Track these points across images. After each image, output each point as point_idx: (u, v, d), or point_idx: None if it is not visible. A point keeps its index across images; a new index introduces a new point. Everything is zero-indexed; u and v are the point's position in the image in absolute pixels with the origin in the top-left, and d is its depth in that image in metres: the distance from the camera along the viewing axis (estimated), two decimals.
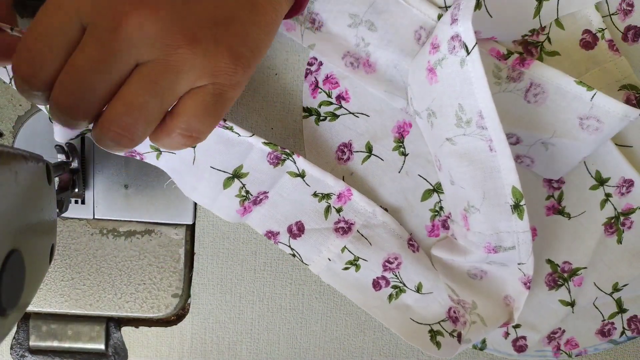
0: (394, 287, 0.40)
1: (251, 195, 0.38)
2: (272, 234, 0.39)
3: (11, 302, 0.23)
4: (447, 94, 0.32)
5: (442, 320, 0.39)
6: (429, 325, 0.39)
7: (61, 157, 0.35)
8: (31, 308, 0.40)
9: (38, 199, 0.26)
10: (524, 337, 0.42)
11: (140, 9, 0.23)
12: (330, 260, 0.39)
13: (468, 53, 0.30)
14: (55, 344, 0.40)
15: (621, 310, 0.42)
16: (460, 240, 0.37)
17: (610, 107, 0.34)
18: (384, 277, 0.40)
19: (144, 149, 0.36)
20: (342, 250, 0.39)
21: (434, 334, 0.39)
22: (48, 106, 0.26)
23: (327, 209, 0.39)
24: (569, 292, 0.41)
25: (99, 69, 0.23)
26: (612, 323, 0.42)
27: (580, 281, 0.41)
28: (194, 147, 0.36)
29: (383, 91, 0.37)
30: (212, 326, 0.42)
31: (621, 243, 0.40)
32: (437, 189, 0.39)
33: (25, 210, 0.25)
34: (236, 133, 0.35)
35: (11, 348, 0.40)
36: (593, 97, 0.34)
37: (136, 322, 0.41)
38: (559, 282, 0.40)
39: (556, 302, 0.41)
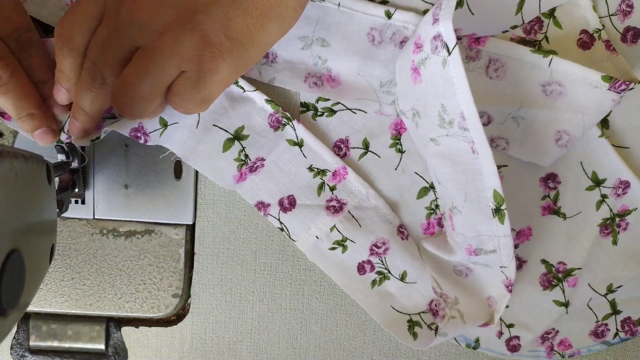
0: (379, 272, 0.40)
1: (249, 160, 0.37)
2: (262, 205, 0.39)
3: (11, 302, 0.23)
4: (431, 93, 0.32)
5: (422, 312, 0.39)
6: (409, 315, 0.39)
7: (61, 157, 0.35)
8: (31, 308, 0.40)
9: (38, 199, 0.26)
10: (517, 337, 0.41)
11: (129, 1, 0.27)
12: (317, 238, 0.39)
13: (449, 53, 0.30)
14: (55, 344, 0.40)
15: (615, 311, 0.42)
16: (448, 238, 0.37)
17: (569, 69, 0.34)
18: (369, 262, 0.39)
19: (151, 128, 0.36)
20: (331, 230, 0.39)
21: (412, 324, 0.39)
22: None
23: (321, 186, 0.38)
24: (563, 292, 0.41)
25: (107, 44, 0.28)
26: (606, 324, 0.42)
27: (575, 282, 0.41)
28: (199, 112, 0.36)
29: (354, 100, 0.37)
30: (212, 326, 0.41)
31: (616, 244, 0.40)
32: (433, 186, 0.39)
33: (26, 210, 0.24)
34: (240, 87, 0.35)
35: (11, 348, 0.40)
36: (550, 62, 0.34)
37: (136, 322, 0.41)
38: (553, 283, 0.40)
39: (550, 303, 0.41)
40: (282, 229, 0.39)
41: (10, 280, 0.22)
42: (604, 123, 0.38)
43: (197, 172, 0.39)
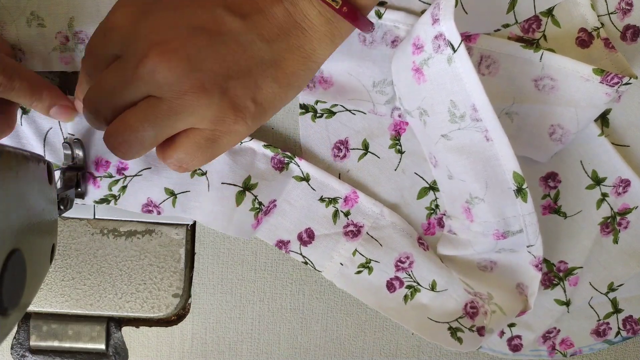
0: (409, 287, 0.40)
1: (263, 205, 0.38)
2: (282, 244, 0.40)
3: (12, 302, 0.23)
4: (437, 92, 0.32)
5: (460, 317, 0.39)
6: (447, 323, 0.39)
7: (67, 153, 0.35)
8: (32, 308, 0.40)
9: (38, 199, 0.26)
10: (519, 337, 0.41)
11: (157, 55, 0.26)
12: (342, 265, 0.39)
13: (455, 51, 0.30)
14: (55, 343, 0.40)
15: (616, 310, 0.42)
16: (462, 234, 0.37)
17: (560, 63, 0.34)
18: (397, 278, 0.40)
19: (159, 199, 0.37)
20: (354, 254, 0.39)
21: (454, 331, 0.39)
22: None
23: (335, 214, 0.39)
24: (565, 291, 0.41)
25: (115, 91, 0.27)
26: (608, 323, 0.42)
27: (576, 281, 0.41)
28: (205, 175, 0.37)
29: (347, 100, 0.37)
30: (212, 326, 0.42)
31: (617, 243, 0.40)
32: (433, 186, 0.39)
33: (26, 210, 0.24)
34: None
35: (12, 348, 0.40)
36: (541, 57, 0.34)
37: (137, 322, 0.41)
38: (554, 282, 0.40)
39: (551, 302, 0.41)
40: (306, 263, 0.40)
41: (11, 279, 0.22)
42: (604, 121, 0.38)
43: None
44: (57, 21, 0.35)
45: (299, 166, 0.38)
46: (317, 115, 0.38)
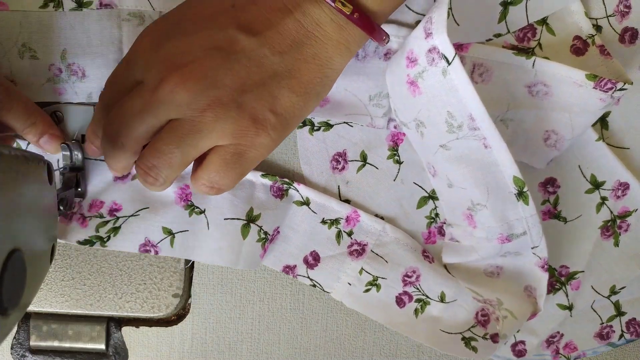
0: (418, 300, 0.40)
1: (268, 234, 0.38)
2: (289, 269, 0.40)
3: (12, 302, 0.23)
4: (433, 103, 0.33)
5: (472, 327, 0.39)
6: (460, 333, 0.40)
7: (66, 154, 0.36)
8: (32, 308, 0.40)
9: (39, 199, 0.26)
10: (522, 342, 0.42)
11: (175, 77, 0.27)
12: (350, 284, 0.40)
13: (449, 63, 0.31)
14: (55, 343, 0.40)
15: (619, 313, 0.42)
16: (465, 241, 0.37)
17: (554, 70, 0.34)
18: (406, 293, 0.40)
19: (156, 238, 0.37)
20: (360, 273, 0.40)
21: (467, 341, 0.39)
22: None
23: (338, 234, 0.39)
24: (567, 295, 0.41)
25: (137, 117, 0.28)
26: (611, 326, 0.42)
27: (578, 285, 0.41)
28: (204, 213, 0.37)
29: (345, 115, 0.37)
30: (212, 326, 0.42)
31: (618, 246, 0.40)
32: (432, 195, 0.40)
33: (26, 210, 0.25)
34: None
35: (12, 348, 0.40)
36: (534, 63, 0.34)
37: (137, 322, 0.41)
38: (556, 286, 0.40)
39: (554, 306, 0.41)
40: (314, 285, 0.40)
41: (11, 279, 0.22)
42: (603, 124, 0.38)
43: None
44: (49, 53, 0.35)
45: (298, 191, 0.38)
46: (315, 128, 0.39)
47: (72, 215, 0.37)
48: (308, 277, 0.40)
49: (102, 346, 0.41)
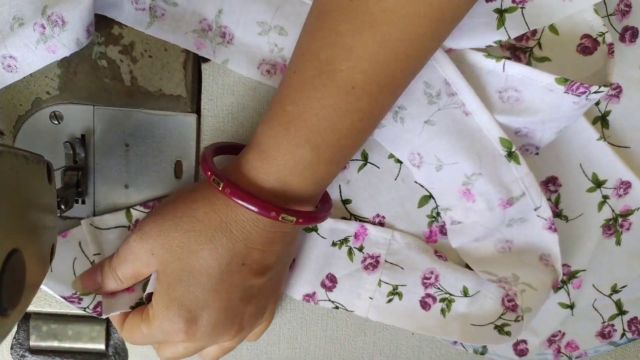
0: (442, 299, 0.40)
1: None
2: (309, 297, 0.40)
3: (12, 302, 0.23)
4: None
5: (502, 314, 0.39)
6: (492, 323, 0.39)
7: (69, 153, 0.36)
8: (31, 308, 0.40)
9: (39, 199, 0.26)
10: (524, 341, 0.42)
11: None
12: (372, 298, 0.40)
13: None
14: (55, 344, 0.41)
15: (621, 312, 0.42)
16: (467, 219, 0.37)
17: (523, 73, 0.33)
18: (428, 295, 0.40)
19: None
20: (379, 285, 0.40)
21: (500, 328, 0.39)
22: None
23: (350, 251, 0.39)
24: (568, 294, 0.41)
25: (142, 337, 0.34)
26: (612, 325, 0.42)
27: (579, 283, 0.41)
28: None
29: None
30: None
31: (620, 245, 0.40)
32: (433, 194, 0.40)
33: (26, 210, 0.25)
34: None
35: (11, 348, 0.41)
36: (504, 67, 0.34)
37: None
38: (558, 285, 0.40)
39: (555, 305, 0.41)
40: (337, 307, 0.40)
41: (11, 280, 0.23)
42: (604, 123, 0.39)
43: (197, 171, 0.39)
44: (33, 12, 0.33)
45: None
46: None
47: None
48: (329, 300, 0.40)
49: (102, 346, 0.41)
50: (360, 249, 0.39)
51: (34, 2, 0.33)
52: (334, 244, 0.39)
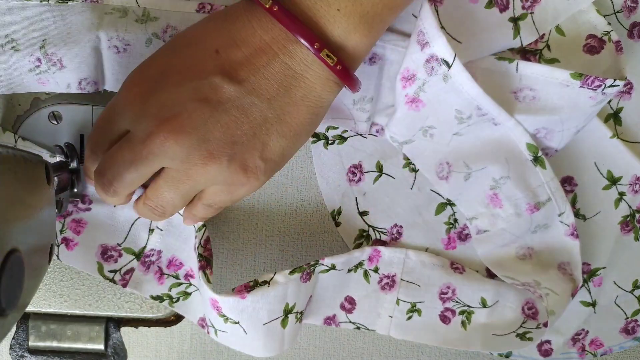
0: (461, 312, 0.41)
1: (304, 310, 0.39)
2: (330, 320, 0.41)
3: (11, 302, 0.23)
4: (440, 108, 0.34)
5: (523, 323, 0.40)
6: (514, 332, 0.40)
7: (60, 157, 0.36)
8: (30, 308, 0.40)
9: (37, 199, 0.27)
10: (548, 342, 0.42)
11: (165, 130, 0.28)
12: (391, 317, 0.41)
13: (449, 67, 0.31)
14: (54, 344, 0.41)
15: None
16: (494, 227, 0.38)
17: (537, 72, 0.34)
18: (447, 309, 0.41)
19: (208, 322, 0.38)
20: (397, 303, 0.40)
21: (522, 336, 0.40)
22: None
23: (365, 274, 0.40)
24: (589, 292, 0.42)
25: (129, 167, 0.30)
26: (636, 320, 0.42)
27: (600, 281, 0.41)
28: (238, 323, 0.36)
29: (329, 119, 0.38)
30: None
31: (638, 240, 0.41)
32: (449, 201, 0.40)
33: (25, 210, 0.25)
34: (265, 282, 0.36)
35: (10, 348, 0.41)
36: (517, 68, 0.34)
37: (136, 322, 0.42)
38: (577, 292, 0.41)
39: (577, 304, 0.42)
40: (358, 328, 0.41)
41: (10, 280, 0.23)
42: (617, 120, 0.39)
43: None
44: (30, 44, 0.35)
45: (323, 264, 0.38)
46: (329, 142, 0.39)
47: (151, 265, 0.39)
48: (350, 322, 0.41)
49: (101, 346, 0.41)
50: (376, 270, 0.40)
51: (30, 30, 0.35)
52: (349, 271, 0.40)
